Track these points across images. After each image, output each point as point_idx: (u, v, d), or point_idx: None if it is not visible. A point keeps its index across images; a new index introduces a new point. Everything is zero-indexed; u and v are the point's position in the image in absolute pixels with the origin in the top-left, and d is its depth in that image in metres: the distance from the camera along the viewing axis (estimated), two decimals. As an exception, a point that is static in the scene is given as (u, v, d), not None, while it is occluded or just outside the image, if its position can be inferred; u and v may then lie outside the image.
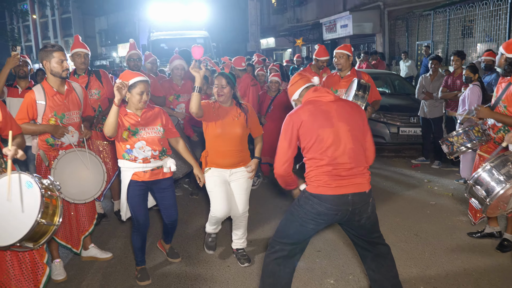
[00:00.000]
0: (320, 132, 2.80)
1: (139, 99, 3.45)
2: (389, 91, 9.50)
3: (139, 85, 3.43)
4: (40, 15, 50.03)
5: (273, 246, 3.00)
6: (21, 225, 2.58)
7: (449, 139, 4.16)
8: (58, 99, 3.80)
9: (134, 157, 3.54)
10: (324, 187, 2.80)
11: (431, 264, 3.96)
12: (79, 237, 4.05)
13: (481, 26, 11.39)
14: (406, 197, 5.81)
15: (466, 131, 4.07)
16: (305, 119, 2.83)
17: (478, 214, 4.38)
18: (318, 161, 2.82)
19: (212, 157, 3.88)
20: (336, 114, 2.85)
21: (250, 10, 21.54)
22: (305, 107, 2.89)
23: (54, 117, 3.77)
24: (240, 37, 25.73)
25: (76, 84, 4.07)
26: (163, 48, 13.58)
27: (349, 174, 2.80)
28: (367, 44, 17.50)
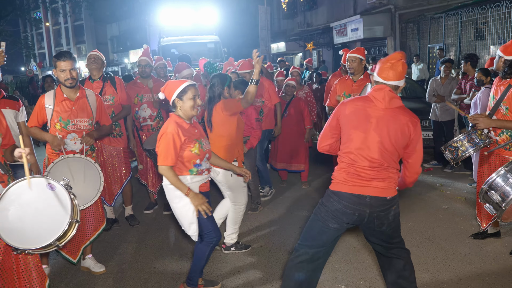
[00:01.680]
0: (352, 132, 2.80)
1: (193, 104, 3.29)
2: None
3: (190, 90, 3.29)
4: (53, 22, 50.77)
5: (298, 250, 2.99)
6: (54, 225, 2.74)
7: (453, 144, 4.08)
8: (66, 105, 3.80)
9: (201, 170, 3.43)
10: (342, 184, 2.83)
11: (443, 269, 3.91)
12: (79, 246, 3.95)
13: (493, 28, 11.29)
14: (418, 201, 5.75)
15: (469, 135, 4.02)
16: (347, 113, 2.83)
17: (486, 220, 4.34)
18: (342, 157, 2.86)
19: (236, 151, 4.20)
20: (375, 122, 2.76)
21: (260, 15, 21.56)
22: (357, 101, 2.87)
23: (59, 122, 3.78)
24: (250, 42, 25.77)
25: (91, 92, 4.03)
26: (174, 53, 13.64)
27: (367, 175, 2.78)
28: (378, 48, 17.44)
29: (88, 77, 5.00)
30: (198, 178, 3.41)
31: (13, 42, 29.14)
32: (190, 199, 3.25)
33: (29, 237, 2.69)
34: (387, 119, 2.77)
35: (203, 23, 15.25)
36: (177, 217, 3.43)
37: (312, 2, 21.37)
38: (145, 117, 5.36)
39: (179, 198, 3.32)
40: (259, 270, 4.03)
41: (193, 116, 3.38)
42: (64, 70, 3.67)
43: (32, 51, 31.66)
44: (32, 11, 33.59)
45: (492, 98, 4.07)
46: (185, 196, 3.27)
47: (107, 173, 4.99)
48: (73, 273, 4.12)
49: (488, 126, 3.92)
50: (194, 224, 3.34)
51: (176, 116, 3.32)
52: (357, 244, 4.42)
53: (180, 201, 3.32)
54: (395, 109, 2.80)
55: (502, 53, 3.93)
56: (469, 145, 4.01)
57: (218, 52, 14.36)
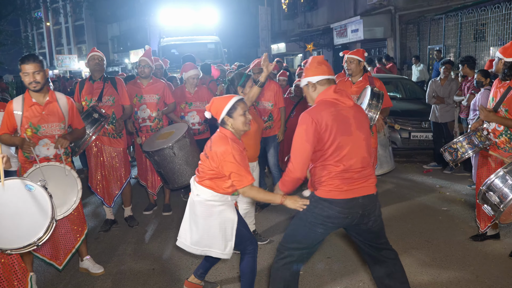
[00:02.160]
0: (341, 140, 2.75)
1: (244, 120, 3.11)
2: (400, 95, 9.44)
3: (240, 105, 3.11)
4: (53, 22, 50.78)
5: (282, 252, 3.00)
6: (35, 225, 2.79)
7: (452, 146, 4.12)
8: (36, 110, 3.66)
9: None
10: (336, 191, 2.79)
11: (443, 271, 3.90)
12: (65, 253, 3.88)
13: (493, 29, 11.28)
14: (417, 203, 5.75)
15: (469, 137, 4.04)
16: (329, 123, 2.74)
17: (485, 222, 4.34)
18: (333, 167, 2.79)
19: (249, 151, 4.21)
20: (354, 122, 2.81)
21: (260, 16, 21.56)
22: (327, 109, 2.79)
23: (30, 128, 3.65)
24: (250, 42, 25.77)
25: (61, 96, 3.87)
26: (174, 53, 13.65)
27: (360, 176, 2.81)
28: (378, 49, 17.43)
29: (89, 78, 4.99)
30: (234, 197, 3.24)
31: (13, 42, 29.16)
32: (287, 203, 2.95)
33: (7, 237, 2.74)
34: (358, 115, 2.88)
35: (203, 24, 15.26)
36: (207, 236, 3.16)
37: (312, 2, 21.35)
38: (144, 117, 5.34)
39: (217, 215, 3.12)
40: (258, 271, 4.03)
41: (244, 131, 3.17)
42: (28, 74, 3.52)
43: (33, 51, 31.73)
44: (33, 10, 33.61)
45: (492, 100, 4.07)
46: (222, 214, 3.11)
47: (106, 174, 5.00)
48: (72, 274, 4.11)
49: (490, 120, 3.96)
50: (231, 242, 3.15)
51: (229, 132, 3.10)
52: (355, 246, 4.41)
53: (218, 218, 3.12)
54: (355, 105, 2.93)
55: (502, 55, 3.94)
56: (468, 146, 4.06)
57: (218, 52, 14.38)
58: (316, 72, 2.92)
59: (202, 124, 5.76)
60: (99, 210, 5.95)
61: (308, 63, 3.00)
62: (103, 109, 4.73)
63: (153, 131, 5.32)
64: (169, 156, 4.30)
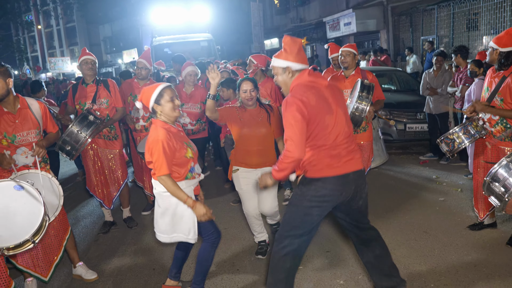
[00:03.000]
0: (326, 119, 2.79)
1: (172, 106, 3.18)
2: (395, 87, 9.46)
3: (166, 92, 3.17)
4: (45, 25, 50.45)
5: (281, 241, 3.00)
6: (29, 222, 2.92)
7: (449, 136, 4.14)
8: (9, 119, 3.54)
9: (195, 173, 3.32)
10: (327, 169, 2.84)
11: (441, 261, 3.93)
12: (49, 263, 3.79)
13: (486, 19, 11.31)
14: (414, 194, 5.77)
15: (465, 127, 4.06)
16: (314, 104, 2.75)
17: (483, 211, 4.38)
18: (320, 146, 2.83)
19: (240, 156, 4.04)
20: (333, 100, 2.86)
21: (252, 12, 21.54)
22: (309, 91, 2.79)
23: (5, 138, 3.53)
24: (243, 39, 25.76)
25: (33, 101, 3.73)
26: (167, 52, 13.59)
27: (347, 152, 2.87)
28: (371, 41, 17.45)
29: (81, 81, 4.97)
30: (192, 182, 3.30)
31: (5, 46, 29.02)
32: (192, 208, 3.14)
33: (1, 235, 2.84)
34: (334, 92, 2.92)
35: (195, 22, 15.18)
36: (171, 224, 3.25)
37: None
38: (138, 117, 5.33)
39: (175, 205, 3.20)
40: (257, 270, 4.04)
41: (176, 118, 3.23)
42: None
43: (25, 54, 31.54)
44: (24, 14, 33.43)
45: (486, 90, 4.08)
46: (180, 203, 3.17)
47: (104, 176, 4.99)
48: (72, 277, 4.12)
49: (483, 111, 3.98)
50: (193, 228, 3.24)
51: (161, 122, 3.18)
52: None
53: (178, 207, 3.20)
54: (329, 83, 2.95)
55: (496, 45, 3.92)
56: (465, 137, 4.08)
57: (211, 50, 14.33)
58: (298, 59, 2.88)
59: (195, 124, 5.76)
60: (97, 212, 5.94)
61: (288, 44, 2.88)
62: (97, 111, 4.72)
63: (147, 130, 5.32)
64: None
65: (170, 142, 3.08)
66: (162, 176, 3.08)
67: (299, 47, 2.91)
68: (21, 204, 2.96)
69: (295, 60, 2.87)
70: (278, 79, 2.98)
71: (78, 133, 4.26)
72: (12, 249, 2.88)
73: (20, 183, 2.98)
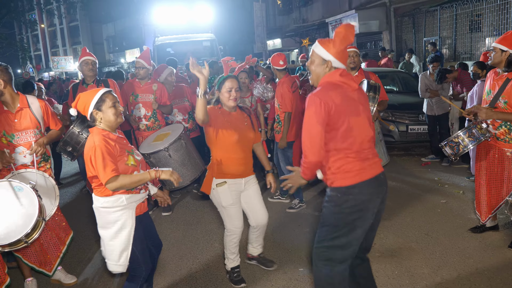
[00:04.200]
0: (351, 120, 2.67)
1: (115, 112, 2.93)
2: (397, 89, 9.44)
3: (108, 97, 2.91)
4: (48, 24, 50.60)
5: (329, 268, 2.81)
6: (23, 223, 3.06)
7: (454, 140, 4.08)
8: (8, 118, 3.56)
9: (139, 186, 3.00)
10: (362, 173, 2.71)
11: (442, 264, 3.91)
12: (53, 258, 3.84)
13: (489, 20, 11.28)
14: (416, 196, 5.75)
15: (469, 130, 4.01)
16: (338, 103, 2.63)
17: (485, 214, 4.34)
18: (345, 149, 2.69)
19: (226, 166, 3.53)
20: (360, 103, 2.76)
21: (255, 12, 21.53)
22: (335, 90, 2.68)
23: (4, 136, 3.55)
24: (246, 39, 25.74)
25: (33, 99, 3.72)
26: (169, 52, 13.59)
27: (373, 155, 2.79)
28: (374, 42, 17.42)
29: (81, 82, 4.97)
30: (136, 198, 2.96)
31: (8, 44, 29.01)
32: (162, 175, 2.85)
33: None
34: (362, 97, 2.82)
35: (198, 21, 15.16)
36: (105, 245, 2.95)
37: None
38: (139, 116, 5.34)
39: (112, 223, 2.89)
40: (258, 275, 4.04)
41: (118, 124, 2.95)
42: None
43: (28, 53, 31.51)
44: (27, 13, 33.46)
45: (489, 93, 4.05)
46: (118, 221, 2.87)
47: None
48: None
49: (489, 117, 3.91)
50: (126, 252, 2.91)
51: (99, 129, 2.88)
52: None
53: (113, 226, 2.89)
54: (359, 88, 2.84)
55: (506, 47, 3.82)
56: (469, 140, 4.00)
57: (214, 50, 14.32)
58: (341, 57, 2.74)
59: (188, 120, 5.81)
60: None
61: (340, 38, 2.70)
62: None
63: (150, 129, 5.32)
64: (164, 158, 4.28)
65: (108, 146, 2.79)
66: (111, 181, 2.72)
67: (347, 43, 2.75)
68: (17, 205, 3.08)
69: (337, 56, 2.72)
70: (312, 68, 2.82)
71: (79, 134, 4.26)
72: (7, 246, 3.01)
73: (18, 184, 3.06)
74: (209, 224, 5.17)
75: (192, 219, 5.42)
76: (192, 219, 5.40)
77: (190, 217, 5.51)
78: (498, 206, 4.19)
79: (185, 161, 4.45)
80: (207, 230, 5.02)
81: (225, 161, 3.52)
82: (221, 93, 3.48)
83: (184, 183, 4.53)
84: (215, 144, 3.52)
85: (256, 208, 3.73)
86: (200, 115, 3.23)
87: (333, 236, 2.76)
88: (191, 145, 4.65)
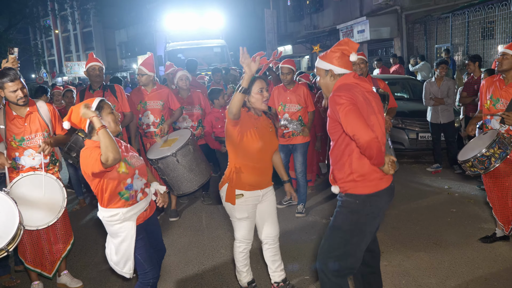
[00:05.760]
0: (372, 118, 2.61)
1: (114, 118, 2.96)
2: (408, 96, 9.37)
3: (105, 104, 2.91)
4: (62, 29, 51.33)
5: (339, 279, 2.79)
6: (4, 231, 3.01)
7: (485, 154, 3.75)
8: (18, 123, 3.65)
9: (134, 192, 2.93)
10: (381, 182, 2.69)
11: (451, 274, 3.85)
12: (53, 260, 3.89)
13: (501, 27, 11.17)
14: (426, 204, 5.69)
15: (499, 141, 3.75)
16: (361, 100, 2.59)
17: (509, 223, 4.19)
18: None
19: (245, 176, 3.27)
20: (375, 105, 2.71)
21: (266, 18, 21.60)
22: (355, 88, 2.64)
23: (14, 140, 3.64)
24: (257, 45, 25.77)
25: (42, 103, 3.81)
26: (180, 58, 13.68)
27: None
28: (385, 49, 17.34)
29: (88, 87, 5.01)
30: (135, 210, 2.92)
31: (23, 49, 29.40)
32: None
33: None
34: (377, 100, 2.78)
35: (209, 27, 15.27)
36: (110, 253, 3.00)
37: (318, 4, 21.33)
38: (148, 123, 5.35)
39: (115, 234, 2.93)
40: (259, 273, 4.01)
41: (117, 132, 2.95)
42: (15, 90, 3.49)
43: (42, 58, 31.95)
44: (42, 19, 33.98)
45: (497, 101, 3.97)
46: (120, 233, 2.90)
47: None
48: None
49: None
50: (130, 261, 2.96)
51: (91, 141, 2.85)
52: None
53: (117, 238, 2.93)
54: (373, 91, 2.80)
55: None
56: (500, 151, 3.77)
57: (224, 56, 14.39)
58: (340, 62, 2.73)
59: (197, 128, 5.83)
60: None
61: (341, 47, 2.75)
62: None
63: (158, 136, 5.33)
64: (172, 163, 4.30)
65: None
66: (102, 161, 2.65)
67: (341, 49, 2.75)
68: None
69: (339, 65, 2.72)
70: (320, 82, 2.83)
71: (84, 140, 4.27)
72: None
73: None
74: (216, 230, 5.16)
75: (199, 225, 5.42)
76: (199, 225, 5.40)
77: (197, 223, 5.51)
78: None
79: (193, 166, 4.47)
80: (213, 236, 5.01)
81: (245, 170, 3.27)
82: (251, 95, 3.22)
83: (192, 188, 4.55)
84: (237, 149, 3.24)
85: (268, 221, 3.50)
86: (235, 109, 2.98)
87: (346, 243, 2.73)
88: (198, 151, 4.67)
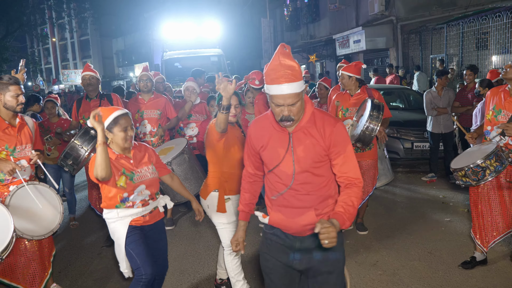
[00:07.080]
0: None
1: (124, 136, 2.96)
2: (403, 106, 9.44)
3: (122, 120, 2.96)
4: (59, 38, 51.40)
5: None
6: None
7: (480, 165, 3.68)
8: (10, 133, 3.57)
9: (132, 203, 3.05)
10: None
11: (445, 284, 3.87)
12: (41, 278, 3.73)
13: (495, 38, 11.30)
14: (420, 214, 5.71)
15: (496, 154, 3.68)
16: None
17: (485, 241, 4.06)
18: None
19: (230, 181, 3.46)
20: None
21: (263, 28, 21.75)
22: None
23: (6, 150, 3.54)
24: (254, 54, 25.91)
25: (28, 118, 3.82)
26: (177, 67, 13.71)
27: None
28: (380, 59, 17.47)
29: (85, 96, 5.04)
30: (128, 212, 3.03)
31: (20, 57, 29.46)
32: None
33: None
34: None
35: (206, 37, 15.31)
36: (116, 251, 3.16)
37: (314, 14, 21.49)
38: (145, 132, 5.38)
39: (113, 233, 3.11)
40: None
41: (126, 148, 3.03)
42: (18, 95, 3.45)
43: (39, 66, 32.01)
44: (39, 27, 34.01)
45: (499, 112, 3.89)
46: (115, 232, 3.07)
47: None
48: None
49: None
50: (124, 261, 3.08)
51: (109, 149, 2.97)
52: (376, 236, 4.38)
53: (114, 236, 3.11)
54: None
55: None
56: (496, 164, 3.69)
57: (221, 65, 14.43)
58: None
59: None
60: (100, 226, 5.95)
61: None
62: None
63: (155, 146, 5.35)
64: (167, 172, 4.31)
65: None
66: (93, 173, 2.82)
67: None
68: None
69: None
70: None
71: (80, 148, 4.30)
72: None
73: None
74: (211, 239, 5.17)
75: (194, 233, 5.42)
76: (194, 234, 5.40)
77: (192, 231, 5.51)
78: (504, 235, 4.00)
79: (188, 175, 4.48)
80: (209, 245, 5.01)
81: (230, 176, 3.44)
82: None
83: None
84: (223, 159, 3.41)
85: None
86: (223, 125, 3.18)
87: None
88: (194, 160, 4.68)
